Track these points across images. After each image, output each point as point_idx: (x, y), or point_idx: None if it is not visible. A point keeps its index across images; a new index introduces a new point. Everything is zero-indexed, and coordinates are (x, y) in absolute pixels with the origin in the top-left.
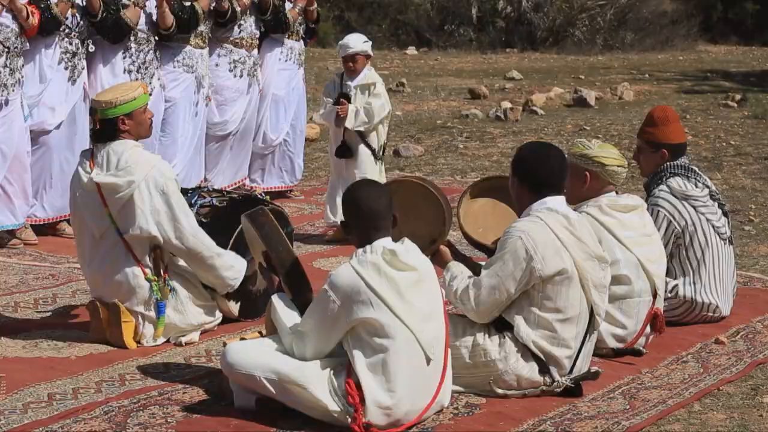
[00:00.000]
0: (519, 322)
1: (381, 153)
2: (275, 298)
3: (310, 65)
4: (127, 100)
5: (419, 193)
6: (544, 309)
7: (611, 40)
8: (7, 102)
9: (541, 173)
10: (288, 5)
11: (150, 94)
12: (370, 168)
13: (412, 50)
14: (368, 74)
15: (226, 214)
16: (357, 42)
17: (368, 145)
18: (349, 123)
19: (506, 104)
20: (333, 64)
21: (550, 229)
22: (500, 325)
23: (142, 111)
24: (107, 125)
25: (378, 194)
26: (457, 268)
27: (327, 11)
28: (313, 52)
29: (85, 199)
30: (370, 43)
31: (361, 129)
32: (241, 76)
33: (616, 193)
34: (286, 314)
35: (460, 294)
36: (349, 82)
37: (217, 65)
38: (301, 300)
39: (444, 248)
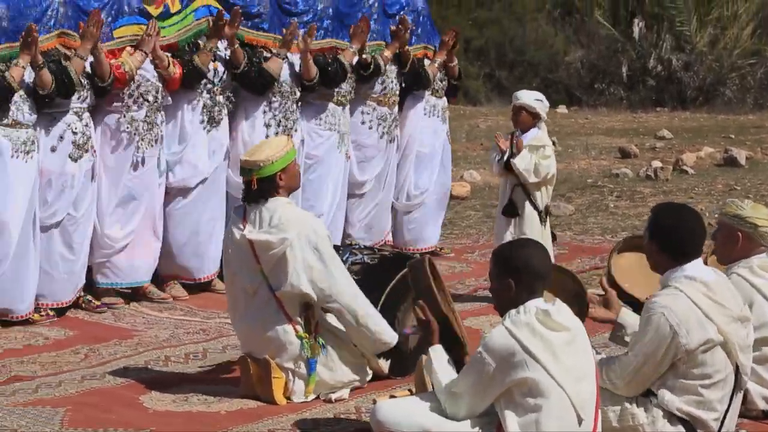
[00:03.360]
0: (663, 392)
1: (545, 215)
2: (433, 352)
3: (461, 123)
4: (283, 155)
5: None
6: (690, 377)
7: (762, 99)
8: (145, 158)
9: (681, 243)
10: (426, 62)
11: None
12: (535, 229)
13: (562, 109)
14: (539, 135)
15: (377, 272)
16: (524, 96)
17: (534, 205)
18: (519, 162)
19: (657, 163)
20: (484, 122)
21: (690, 301)
22: (646, 391)
23: (294, 164)
24: (265, 183)
25: (544, 254)
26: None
27: (478, 69)
28: (463, 110)
29: (237, 255)
30: (544, 103)
31: (526, 177)
32: (382, 134)
33: None
34: (442, 370)
35: (605, 374)
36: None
37: (362, 123)
38: (454, 356)
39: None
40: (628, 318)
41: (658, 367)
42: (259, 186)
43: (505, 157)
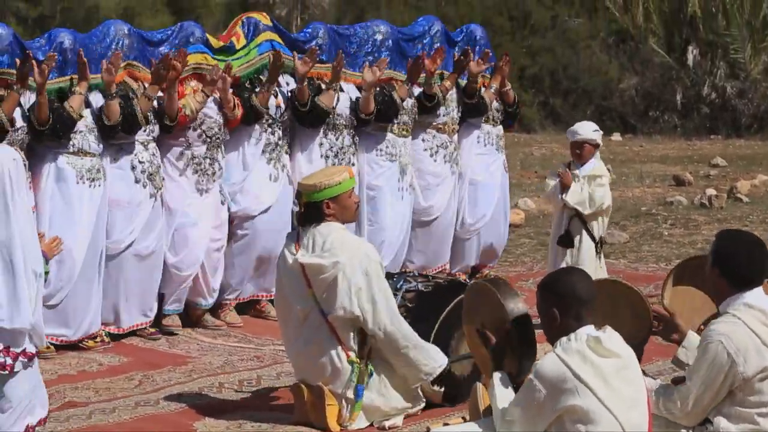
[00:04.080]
0: (719, 419)
1: (600, 246)
2: (496, 377)
3: (515, 151)
4: (332, 184)
5: (626, 298)
6: (747, 405)
7: None
8: (204, 191)
9: (744, 271)
10: (483, 89)
11: None
12: (591, 259)
13: (616, 136)
14: (596, 166)
15: (432, 299)
16: (587, 130)
17: (591, 236)
18: (571, 198)
19: (711, 191)
20: (538, 150)
21: (748, 328)
22: (703, 419)
23: (348, 195)
24: (312, 208)
25: (589, 280)
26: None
27: (532, 97)
28: (518, 137)
29: (290, 280)
30: (601, 133)
31: (579, 209)
32: (443, 161)
33: None
34: (502, 395)
35: (663, 404)
36: (576, 171)
37: (424, 150)
38: (525, 368)
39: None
40: (695, 340)
41: (716, 396)
42: (306, 210)
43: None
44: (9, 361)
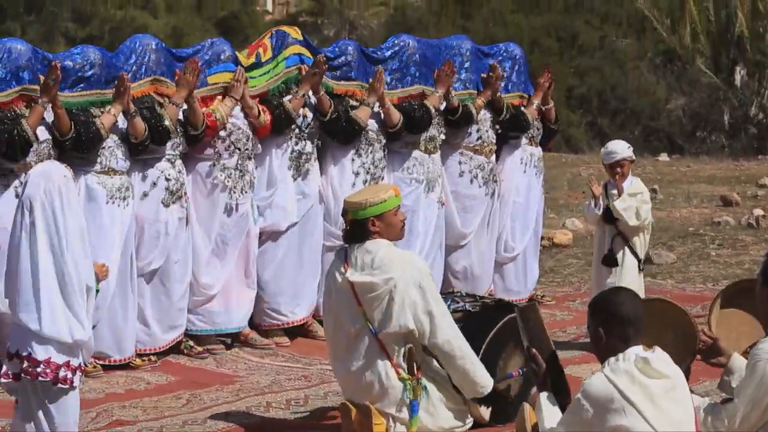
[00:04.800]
0: None
1: (642, 264)
2: (541, 397)
3: (563, 171)
4: (377, 201)
5: (674, 319)
6: None
7: None
8: (237, 205)
9: None
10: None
11: None
12: (634, 278)
13: (664, 156)
14: (634, 183)
15: (479, 319)
16: (622, 147)
17: (634, 253)
18: (620, 204)
19: (758, 212)
20: (585, 170)
21: None
22: None
23: (393, 213)
24: (357, 226)
25: (636, 301)
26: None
27: (580, 117)
28: (565, 158)
29: (339, 299)
30: (632, 148)
31: (627, 219)
32: (482, 183)
33: None
34: (549, 415)
35: (711, 422)
36: (614, 191)
37: (461, 174)
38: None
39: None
40: (740, 363)
41: (763, 414)
42: (352, 228)
43: (602, 204)
44: (69, 375)
